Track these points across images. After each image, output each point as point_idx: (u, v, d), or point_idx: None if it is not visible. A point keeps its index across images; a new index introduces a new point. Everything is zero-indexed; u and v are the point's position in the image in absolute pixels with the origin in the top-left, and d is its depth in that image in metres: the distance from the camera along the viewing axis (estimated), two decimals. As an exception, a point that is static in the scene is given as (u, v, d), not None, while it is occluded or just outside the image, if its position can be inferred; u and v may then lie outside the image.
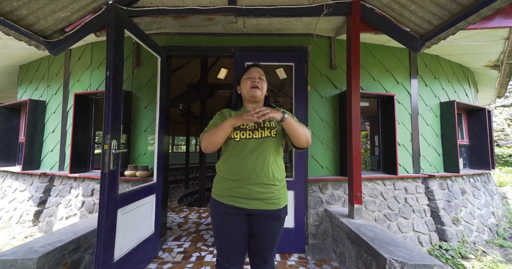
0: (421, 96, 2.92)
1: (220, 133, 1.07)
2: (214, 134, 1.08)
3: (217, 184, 1.18)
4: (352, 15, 1.99)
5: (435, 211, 2.64)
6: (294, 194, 2.27)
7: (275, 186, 1.13)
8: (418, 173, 2.76)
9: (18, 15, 1.88)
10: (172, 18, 2.16)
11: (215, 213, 1.15)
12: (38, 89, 3.31)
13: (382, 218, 2.48)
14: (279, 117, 1.03)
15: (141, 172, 2.31)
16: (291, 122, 1.06)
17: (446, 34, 1.81)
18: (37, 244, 1.39)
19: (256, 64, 1.28)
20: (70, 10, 2.02)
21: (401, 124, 2.78)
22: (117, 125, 1.55)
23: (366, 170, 4.93)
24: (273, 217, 1.13)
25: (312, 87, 2.56)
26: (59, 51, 2.22)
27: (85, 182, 2.57)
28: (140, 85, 2.61)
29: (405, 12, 1.87)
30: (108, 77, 1.50)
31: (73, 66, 2.96)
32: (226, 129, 1.07)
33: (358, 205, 1.99)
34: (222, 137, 1.08)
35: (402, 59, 2.86)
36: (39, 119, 3.10)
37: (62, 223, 2.49)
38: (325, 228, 2.33)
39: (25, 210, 2.80)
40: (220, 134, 1.07)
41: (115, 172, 1.50)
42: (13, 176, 3.25)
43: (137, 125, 2.57)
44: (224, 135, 1.08)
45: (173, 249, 2.27)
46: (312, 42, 2.46)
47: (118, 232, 1.55)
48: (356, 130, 2.00)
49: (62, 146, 2.88)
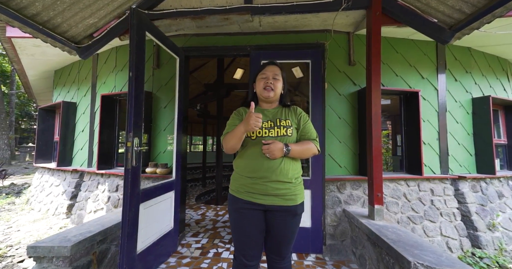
0: (449, 91, 2.72)
1: (234, 140, 1.10)
2: (230, 141, 1.12)
3: (235, 181, 1.20)
4: (372, 8, 1.90)
5: (466, 215, 2.44)
6: (311, 194, 2.22)
7: (291, 183, 1.13)
8: (446, 174, 2.57)
9: (54, 23, 2.05)
10: (190, 20, 2.23)
11: (233, 208, 1.17)
12: (70, 92, 3.59)
13: (406, 221, 2.35)
14: (281, 154, 1.08)
15: (161, 170, 2.41)
16: (293, 153, 1.11)
17: (480, 23, 1.66)
18: (70, 234, 1.51)
19: (272, 62, 1.28)
20: (97, 17, 2.17)
21: (426, 122, 2.61)
22: (139, 124, 1.63)
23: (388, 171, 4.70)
24: (289, 213, 1.13)
25: (330, 84, 2.50)
26: (87, 56, 2.38)
27: (110, 178, 2.74)
28: (160, 85, 2.72)
29: (432, 1, 1.75)
30: (130, 78, 1.58)
31: (100, 69, 3.17)
32: (239, 136, 1.09)
33: (378, 206, 1.91)
34: (237, 143, 1.12)
35: (428, 53, 2.67)
36: (70, 119, 3.36)
37: (91, 216, 2.67)
38: (343, 228, 2.26)
39: (60, 203, 3.06)
40: (234, 141, 1.11)
41: (137, 169, 1.58)
42: (49, 172, 3.56)
43: (157, 124, 2.68)
44: (239, 141, 1.11)
45: (191, 244, 2.34)
46: (330, 38, 2.39)
47: (141, 226, 1.63)
48: (377, 127, 1.91)
49: (90, 145, 3.09)
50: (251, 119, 1.00)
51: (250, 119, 1.00)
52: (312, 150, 1.17)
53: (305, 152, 1.15)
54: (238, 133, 1.08)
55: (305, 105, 6.29)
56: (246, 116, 1.05)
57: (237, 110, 1.28)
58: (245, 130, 1.05)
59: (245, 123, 1.03)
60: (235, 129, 1.10)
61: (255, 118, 1.00)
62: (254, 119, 1.00)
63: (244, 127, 1.04)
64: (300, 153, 1.14)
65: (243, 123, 1.05)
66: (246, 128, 1.04)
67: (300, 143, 1.17)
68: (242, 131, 1.07)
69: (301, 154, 1.14)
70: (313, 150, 1.17)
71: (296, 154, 1.13)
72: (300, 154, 1.14)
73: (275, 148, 1.07)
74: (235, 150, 1.15)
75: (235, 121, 1.22)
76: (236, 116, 1.24)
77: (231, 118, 1.26)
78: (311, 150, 1.17)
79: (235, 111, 1.28)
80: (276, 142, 1.09)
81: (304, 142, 1.17)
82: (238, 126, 1.08)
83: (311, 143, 1.17)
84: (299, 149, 1.13)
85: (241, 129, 1.06)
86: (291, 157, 1.14)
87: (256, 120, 1.00)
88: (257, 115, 1.02)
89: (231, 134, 1.11)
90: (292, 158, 1.16)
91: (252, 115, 1.01)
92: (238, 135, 1.08)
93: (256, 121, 1.00)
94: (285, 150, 1.09)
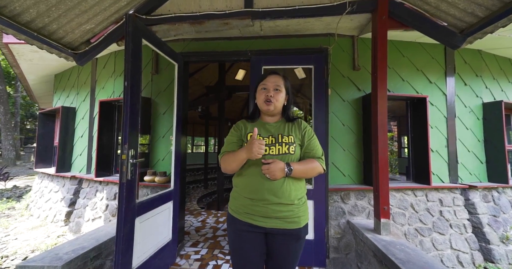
0: (459, 96, 2.61)
1: (235, 164, 1.06)
2: (230, 164, 1.07)
3: (234, 200, 1.13)
4: (378, 11, 1.81)
5: (477, 226, 2.33)
6: (313, 204, 2.14)
7: (294, 205, 1.05)
8: (455, 183, 2.46)
9: (49, 30, 2.00)
10: (189, 25, 2.16)
11: (232, 229, 1.10)
12: (69, 96, 3.55)
13: (413, 233, 2.25)
14: (282, 174, 1.01)
15: (160, 178, 2.35)
16: (296, 173, 1.04)
17: (495, 27, 1.56)
18: (62, 251, 1.45)
19: (273, 71, 1.20)
20: (94, 22, 2.11)
21: (434, 128, 2.50)
22: (135, 135, 1.56)
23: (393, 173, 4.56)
24: (292, 236, 1.05)
25: (333, 90, 2.41)
26: (84, 62, 2.33)
27: (108, 186, 2.69)
28: (159, 91, 2.66)
29: (442, 4, 1.65)
30: (126, 87, 1.51)
31: (99, 74, 3.13)
32: (240, 161, 1.04)
33: (385, 220, 1.81)
34: (238, 166, 1.07)
35: (436, 57, 2.57)
36: (70, 124, 3.33)
37: (89, 225, 2.63)
38: (347, 241, 2.17)
39: (58, 210, 3.02)
40: (236, 164, 1.06)
41: (133, 182, 1.52)
42: (49, 177, 3.53)
43: (156, 130, 2.63)
44: (240, 165, 1.06)
45: (190, 255, 2.27)
46: (333, 42, 2.30)
47: (136, 241, 1.57)
48: (383, 137, 1.82)
49: (89, 150, 3.05)
50: (254, 147, 0.95)
51: (253, 147, 0.95)
52: (317, 170, 1.09)
53: (309, 171, 1.07)
54: (240, 158, 1.03)
55: (308, 107, 6.21)
56: (249, 142, 0.99)
57: (236, 125, 1.20)
58: (247, 157, 1.00)
59: (248, 151, 0.98)
60: (237, 154, 1.04)
61: (258, 145, 0.95)
62: (257, 146, 0.95)
63: (247, 154, 0.99)
64: (303, 173, 1.06)
65: (246, 150, 0.99)
66: (248, 155, 0.99)
67: (303, 162, 1.08)
68: (244, 157, 1.02)
69: (305, 174, 1.06)
70: (317, 170, 1.09)
71: (299, 174, 1.05)
72: (303, 174, 1.06)
73: (276, 168, 0.99)
74: (233, 171, 1.10)
75: (233, 138, 1.15)
76: (235, 132, 1.17)
77: (230, 133, 1.18)
78: (316, 170, 1.08)
79: (234, 126, 1.20)
80: (277, 162, 1.01)
81: (308, 161, 1.09)
82: (240, 152, 1.02)
83: (315, 161, 1.09)
84: (302, 169, 1.05)
85: (243, 156, 1.01)
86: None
87: (259, 147, 0.95)
88: (260, 142, 0.96)
89: (233, 158, 1.05)
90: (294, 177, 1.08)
91: (255, 142, 0.95)
92: (239, 161, 1.03)
93: (260, 148, 0.95)
94: (287, 170, 1.01)
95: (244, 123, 1.19)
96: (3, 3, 1.61)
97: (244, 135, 1.14)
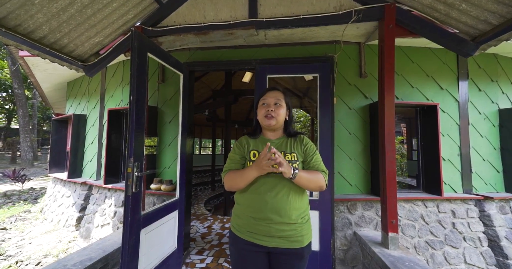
0: (472, 103, 2.50)
1: (244, 182, 1.05)
2: (238, 183, 1.06)
3: (236, 217, 1.12)
4: (385, 20, 1.76)
5: (494, 240, 2.22)
6: (318, 215, 2.10)
7: (297, 224, 1.04)
8: (469, 194, 2.36)
9: (60, 44, 2.08)
10: (194, 35, 2.19)
11: (234, 247, 1.10)
12: (80, 104, 3.67)
13: (424, 246, 2.17)
14: (289, 175, 0.98)
15: (166, 186, 2.38)
16: (300, 180, 1.01)
17: (510, 35, 1.48)
18: (70, 262, 1.50)
19: (273, 87, 1.20)
20: (103, 35, 2.18)
21: (446, 136, 2.41)
22: (141, 148, 1.59)
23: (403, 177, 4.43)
24: (295, 256, 1.04)
25: (339, 98, 2.37)
26: (94, 73, 2.40)
27: (117, 192, 2.76)
28: (165, 100, 2.71)
29: (453, 12, 1.59)
30: (131, 101, 1.54)
31: (108, 82, 3.22)
32: (249, 180, 1.04)
33: (393, 234, 1.76)
34: (246, 185, 1.06)
35: (447, 62, 2.47)
36: (81, 131, 3.44)
37: (98, 231, 2.70)
38: (354, 253, 2.12)
39: (70, 215, 3.12)
40: (244, 183, 1.05)
41: (138, 195, 1.54)
42: (61, 182, 3.66)
43: (162, 139, 2.67)
44: (247, 183, 1.05)
45: (196, 264, 2.29)
46: (339, 50, 2.26)
47: (142, 252, 1.59)
48: (391, 148, 1.76)
49: (99, 157, 3.14)
50: (264, 163, 0.95)
51: (263, 163, 0.95)
52: (320, 182, 1.06)
53: (313, 180, 1.04)
54: (249, 177, 1.02)
55: (314, 110, 6.13)
56: (258, 158, 0.98)
57: (239, 141, 1.20)
58: (257, 174, 1.00)
59: (258, 168, 0.98)
60: (245, 173, 1.03)
61: (268, 161, 0.94)
62: (267, 162, 0.94)
63: (258, 172, 0.99)
64: (306, 181, 1.03)
65: (255, 167, 0.99)
66: (260, 172, 0.99)
67: (308, 170, 1.08)
68: (254, 176, 1.02)
69: (308, 181, 1.03)
70: (320, 182, 1.06)
71: (302, 181, 1.02)
72: (306, 182, 1.03)
73: (285, 161, 0.97)
74: (239, 189, 1.10)
75: (236, 157, 1.14)
76: (238, 149, 1.16)
77: (233, 151, 1.18)
78: (319, 182, 1.06)
79: (236, 143, 1.20)
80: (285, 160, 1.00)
81: (313, 171, 1.08)
82: (250, 171, 1.02)
83: (320, 173, 1.08)
84: (306, 176, 1.02)
85: (254, 174, 1.01)
86: (297, 187, 1.05)
87: (269, 164, 0.94)
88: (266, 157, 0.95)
89: (240, 177, 1.05)
90: (299, 193, 1.07)
91: (263, 158, 0.95)
92: (248, 180, 1.03)
93: (270, 164, 0.94)
94: (292, 168, 0.99)
95: (247, 140, 1.19)
96: (17, 22, 1.69)
97: (247, 153, 1.14)
